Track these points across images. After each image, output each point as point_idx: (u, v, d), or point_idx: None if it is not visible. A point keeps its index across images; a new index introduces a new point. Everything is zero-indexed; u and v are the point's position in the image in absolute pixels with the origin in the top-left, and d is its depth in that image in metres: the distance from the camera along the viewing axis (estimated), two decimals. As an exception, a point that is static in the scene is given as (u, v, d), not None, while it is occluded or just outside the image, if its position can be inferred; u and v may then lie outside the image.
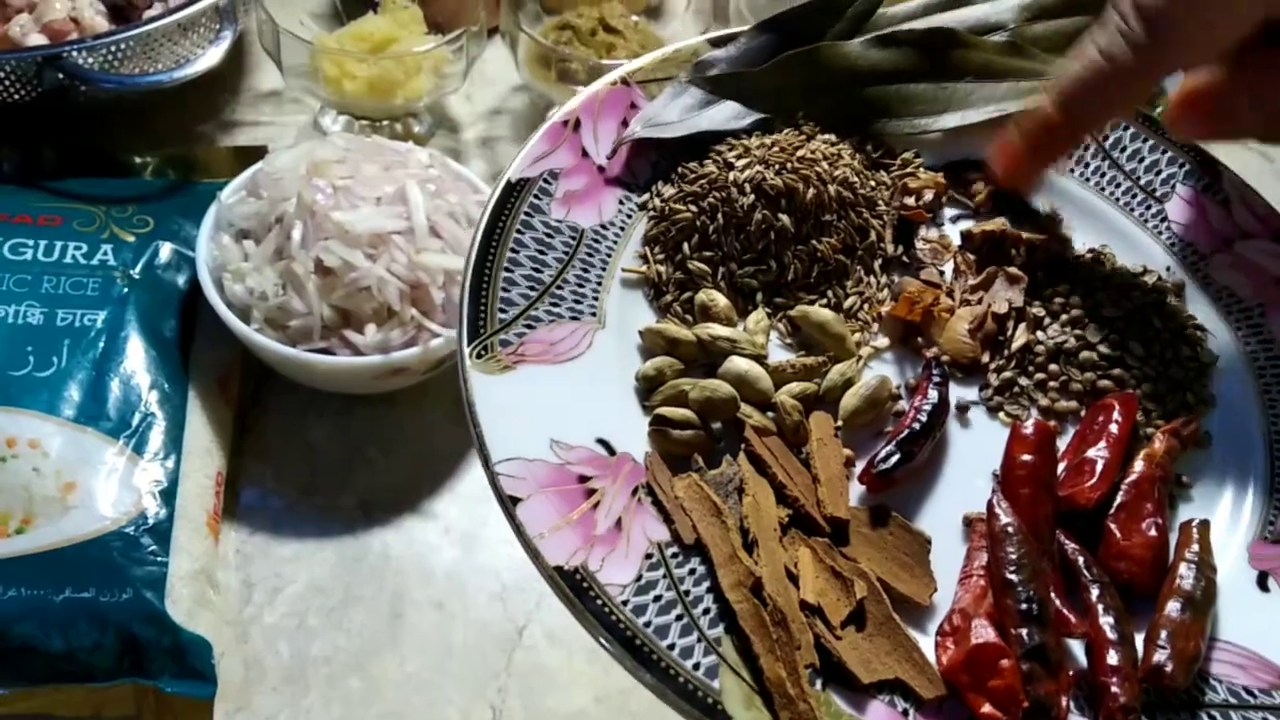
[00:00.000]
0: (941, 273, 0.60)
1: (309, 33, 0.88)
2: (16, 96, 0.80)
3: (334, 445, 0.73)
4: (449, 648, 0.65)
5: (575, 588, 0.44)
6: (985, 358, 0.57)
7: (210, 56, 0.80)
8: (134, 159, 0.82)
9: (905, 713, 0.44)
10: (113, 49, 0.79)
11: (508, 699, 0.64)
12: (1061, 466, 0.52)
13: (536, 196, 0.55)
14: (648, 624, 0.43)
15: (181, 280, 0.74)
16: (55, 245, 0.73)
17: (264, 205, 0.72)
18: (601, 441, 0.49)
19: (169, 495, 0.65)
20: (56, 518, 0.62)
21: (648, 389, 0.52)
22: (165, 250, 0.74)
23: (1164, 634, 0.46)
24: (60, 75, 0.78)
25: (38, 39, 0.82)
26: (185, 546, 0.64)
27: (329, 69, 0.85)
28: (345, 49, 0.86)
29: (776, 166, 0.57)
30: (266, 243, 0.70)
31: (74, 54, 0.78)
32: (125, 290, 0.71)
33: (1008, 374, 0.56)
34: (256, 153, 0.83)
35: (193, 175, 0.82)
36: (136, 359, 0.69)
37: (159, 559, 0.62)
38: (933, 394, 0.53)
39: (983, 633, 0.44)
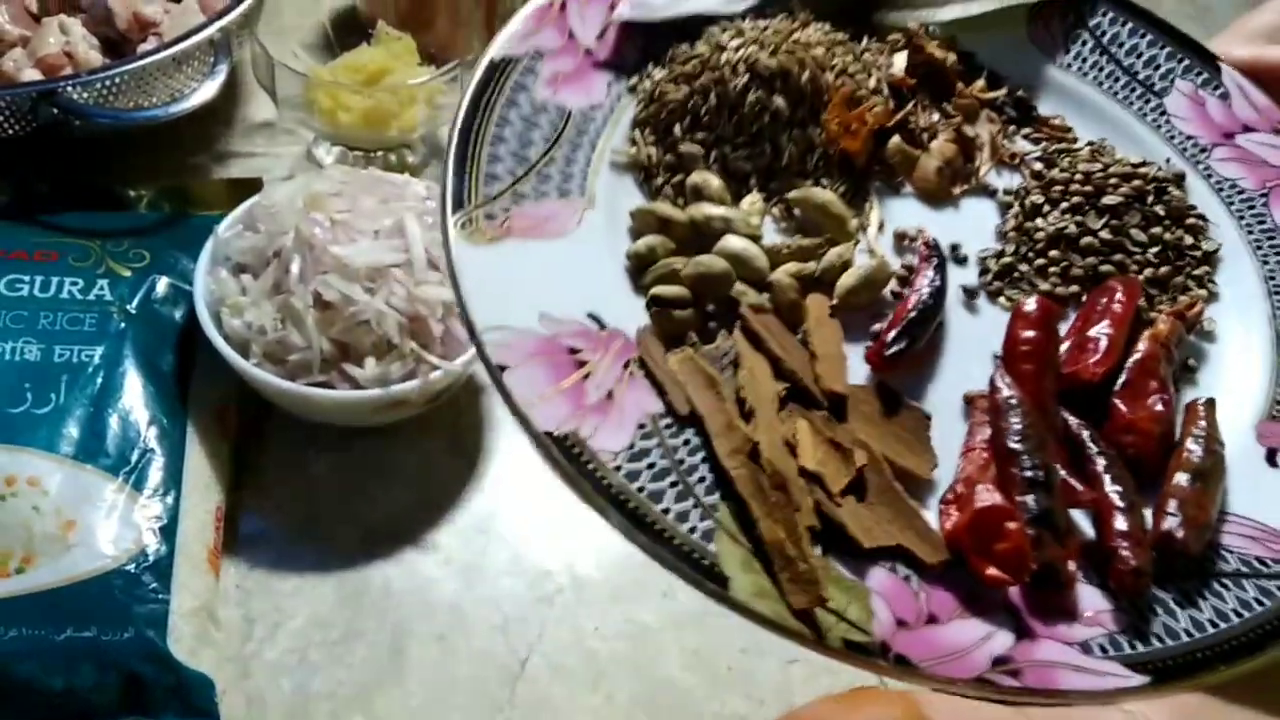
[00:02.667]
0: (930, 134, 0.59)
1: (302, 64, 0.89)
2: (11, 131, 0.80)
3: (333, 478, 0.73)
4: (452, 681, 0.65)
5: (566, 453, 0.42)
6: (956, 190, 0.57)
7: (205, 90, 0.80)
8: (129, 192, 0.82)
9: (907, 579, 0.43)
10: (107, 84, 0.79)
11: (511, 732, 0.64)
12: (1064, 346, 0.52)
13: (522, 75, 0.54)
14: (641, 489, 0.42)
15: (179, 314, 0.74)
16: (51, 281, 0.73)
17: (261, 239, 0.72)
18: (592, 317, 0.47)
19: (169, 532, 0.64)
20: (57, 556, 0.61)
21: (639, 267, 0.51)
22: (162, 284, 0.74)
23: (1174, 503, 0.45)
24: (55, 110, 0.78)
25: (32, 74, 0.82)
26: (186, 583, 0.63)
27: (323, 101, 0.85)
28: (339, 81, 0.86)
29: (771, 48, 0.56)
30: (264, 277, 0.70)
31: (68, 89, 0.78)
32: (122, 325, 0.71)
33: (1008, 259, 0.56)
34: (252, 185, 0.83)
35: (188, 208, 0.82)
36: (134, 394, 0.69)
37: (160, 596, 0.62)
38: (933, 275, 0.52)
39: (987, 497, 0.43)
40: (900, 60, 0.61)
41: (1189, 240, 0.57)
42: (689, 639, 0.68)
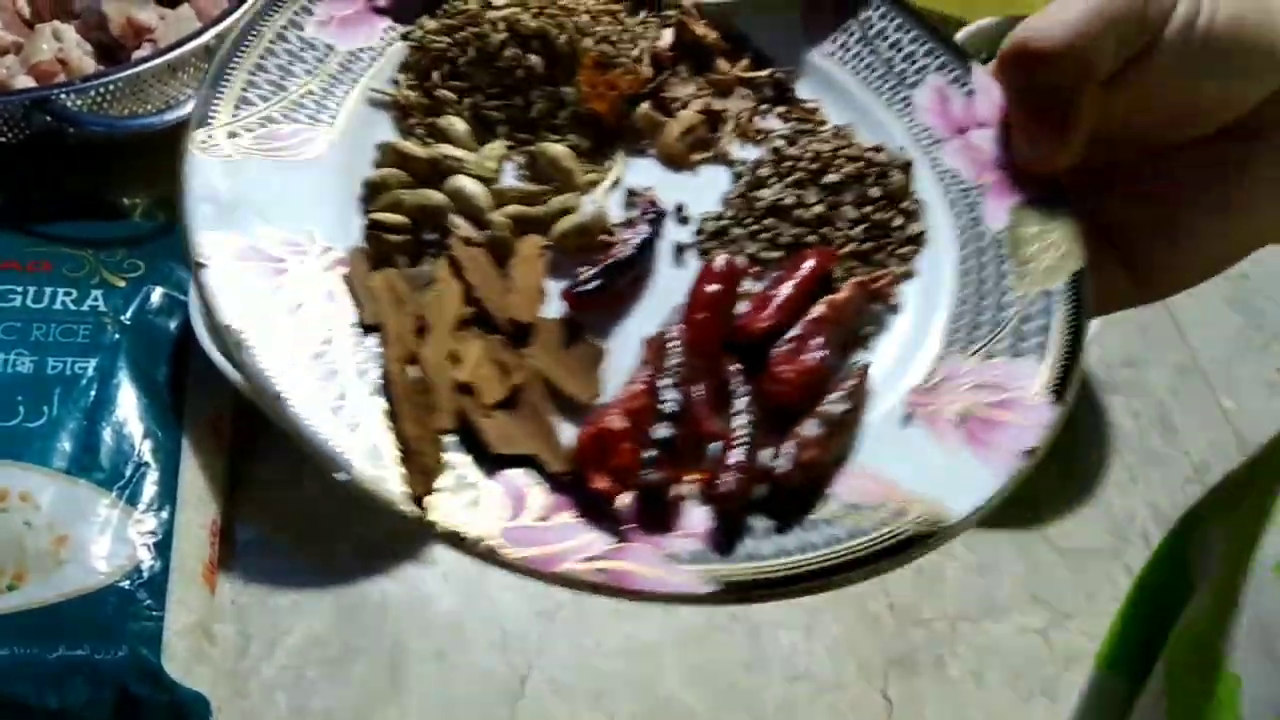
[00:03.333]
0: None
1: (299, 71, 0.88)
2: (4, 139, 0.79)
3: (330, 492, 0.72)
4: (451, 699, 0.64)
5: (240, 346, 0.44)
6: (696, 158, 0.60)
7: (201, 98, 0.80)
8: (123, 200, 0.81)
9: (534, 485, 0.46)
10: (101, 91, 0.78)
11: (511, 751, 0.63)
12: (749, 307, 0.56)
13: (297, 14, 0.57)
14: (307, 385, 0.44)
15: (173, 325, 0.73)
16: (44, 291, 0.72)
17: (257, 249, 0.71)
18: (309, 234, 0.50)
19: (164, 547, 0.63)
20: (49, 573, 0.60)
21: (371, 197, 0.54)
22: (156, 295, 0.73)
23: (793, 444, 0.49)
24: (48, 118, 0.77)
25: (25, 81, 0.81)
26: (181, 599, 0.62)
27: (320, 108, 0.84)
28: (336, 88, 0.86)
29: (535, 10, 0.60)
30: (260, 287, 0.69)
31: (61, 96, 0.77)
32: (116, 337, 0.70)
33: (724, 223, 0.60)
34: (247, 194, 0.82)
35: (183, 217, 0.81)
36: (128, 407, 0.68)
37: (154, 613, 0.61)
38: (646, 229, 0.55)
39: (612, 420, 0.47)
40: (667, 35, 0.64)
41: (899, 222, 0.61)
42: (691, 656, 0.67)
